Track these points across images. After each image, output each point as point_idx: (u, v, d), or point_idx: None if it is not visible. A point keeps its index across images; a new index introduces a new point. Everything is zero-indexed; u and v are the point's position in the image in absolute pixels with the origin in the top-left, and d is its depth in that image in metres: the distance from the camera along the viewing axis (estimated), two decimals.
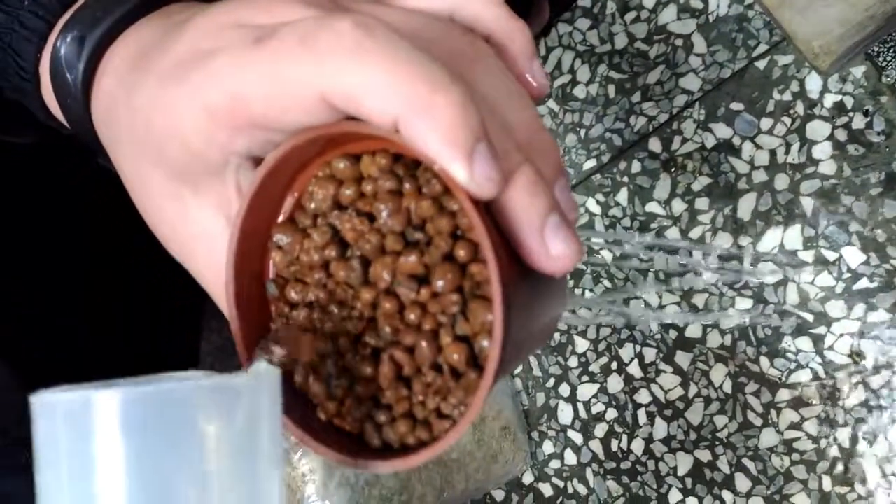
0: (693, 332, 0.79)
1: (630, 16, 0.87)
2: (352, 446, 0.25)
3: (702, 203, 0.80)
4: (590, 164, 0.86)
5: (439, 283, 0.23)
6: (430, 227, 0.24)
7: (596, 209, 0.85)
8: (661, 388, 0.80)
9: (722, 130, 0.80)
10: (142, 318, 0.52)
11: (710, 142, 0.80)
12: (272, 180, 0.25)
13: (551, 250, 0.23)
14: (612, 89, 0.86)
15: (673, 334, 0.80)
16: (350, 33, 0.21)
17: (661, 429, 0.80)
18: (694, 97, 0.82)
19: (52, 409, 0.18)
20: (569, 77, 0.89)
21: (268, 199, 0.25)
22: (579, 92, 0.88)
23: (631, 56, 0.86)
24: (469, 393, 0.24)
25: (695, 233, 0.80)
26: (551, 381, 0.86)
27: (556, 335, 0.86)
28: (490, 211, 0.23)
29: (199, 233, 0.27)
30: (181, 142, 0.25)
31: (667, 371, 0.80)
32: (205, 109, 0.23)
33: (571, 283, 0.85)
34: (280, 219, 0.26)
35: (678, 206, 0.81)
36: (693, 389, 0.79)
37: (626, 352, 0.82)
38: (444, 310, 0.23)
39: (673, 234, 0.80)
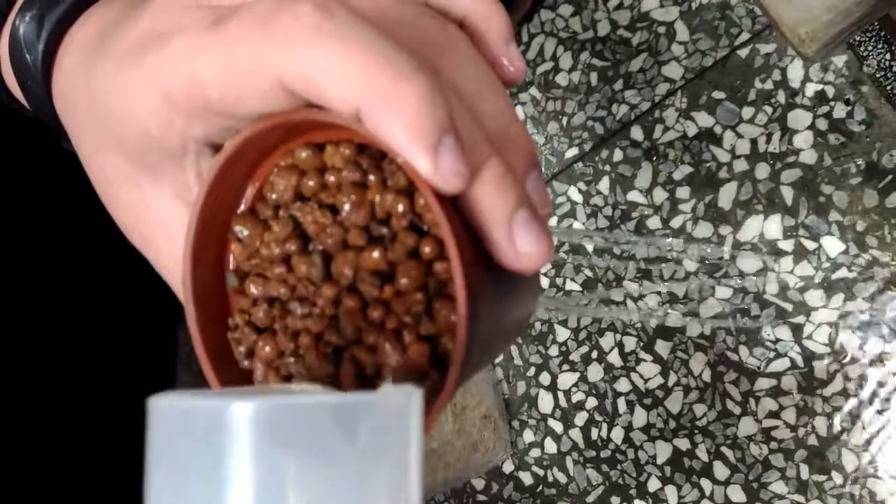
0: (673, 321, 0.79)
1: (613, 3, 0.86)
2: None
3: (683, 192, 0.79)
4: (572, 152, 0.86)
5: (403, 281, 0.23)
6: (394, 222, 0.23)
7: (577, 198, 0.85)
8: (640, 376, 0.80)
9: (704, 119, 0.80)
10: (113, 310, 0.51)
11: (692, 130, 0.80)
12: (232, 168, 0.24)
13: (519, 247, 0.22)
14: (594, 77, 0.86)
15: (653, 323, 0.80)
16: (310, 16, 0.21)
17: (640, 417, 0.80)
18: (676, 85, 0.81)
19: (182, 415, 0.17)
20: (551, 64, 0.88)
21: (228, 188, 0.24)
22: (561, 79, 0.87)
23: (614, 43, 0.85)
24: (433, 395, 0.23)
25: (676, 222, 0.79)
26: (532, 370, 0.86)
27: (537, 324, 0.86)
28: (457, 206, 0.23)
29: (157, 221, 0.26)
30: (138, 126, 0.24)
31: (647, 360, 0.80)
32: (161, 93, 0.23)
33: (553, 272, 0.85)
34: (241, 209, 0.25)
35: (659, 195, 0.80)
36: (673, 378, 0.79)
37: (607, 341, 0.82)
38: (407, 309, 0.23)
39: (654, 223, 0.80)
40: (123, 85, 0.24)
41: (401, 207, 0.23)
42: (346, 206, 0.23)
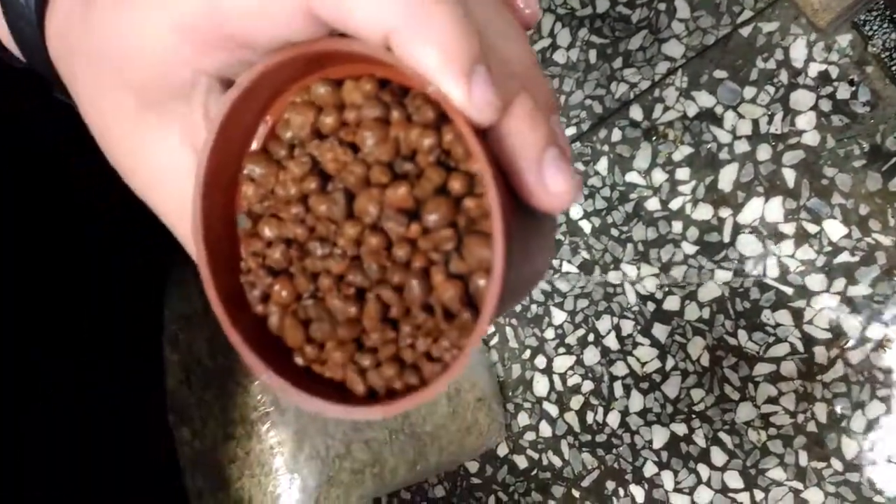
0: (671, 304, 0.78)
1: None
2: (333, 394, 0.23)
3: (682, 173, 0.78)
4: (570, 131, 0.84)
5: (431, 218, 0.22)
6: (420, 158, 0.22)
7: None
8: (637, 360, 0.79)
9: (704, 99, 0.78)
10: (100, 288, 0.50)
11: (693, 110, 0.78)
12: (244, 105, 0.23)
13: (550, 185, 0.22)
14: (592, 54, 0.84)
15: (651, 306, 0.79)
16: None
17: (637, 402, 0.79)
18: (676, 64, 0.80)
19: None
20: (549, 41, 0.86)
21: (239, 127, 0.23)
22: (559, 57, 0.86)
23: (613, 20, 0.84)
24: (463, 334, 0.22)
25: (675, 203, 0.78)
26: (527, 353, 0.85)
27: (533, 307, 0.84)
28: (487, 143, 0.22)
29: (162, 164, 0.25)
30: (144, 59, 0.23)
31: (644, 344, 0.79)
32: (174, 21, 0.22)
33: None
34: (253, 148, 0.24)
35: (658, 176, 0.79)
36: (670, 362, 0.78)
37: (604, 324, 0.81)
38: (436, 246, 0.22)
39: (653, 204, 0.79)
40: (133, 14, 0.22)
41: (427, 142, 0.22)
42: (369, 142, 0.22)
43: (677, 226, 0.78)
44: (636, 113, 0.81)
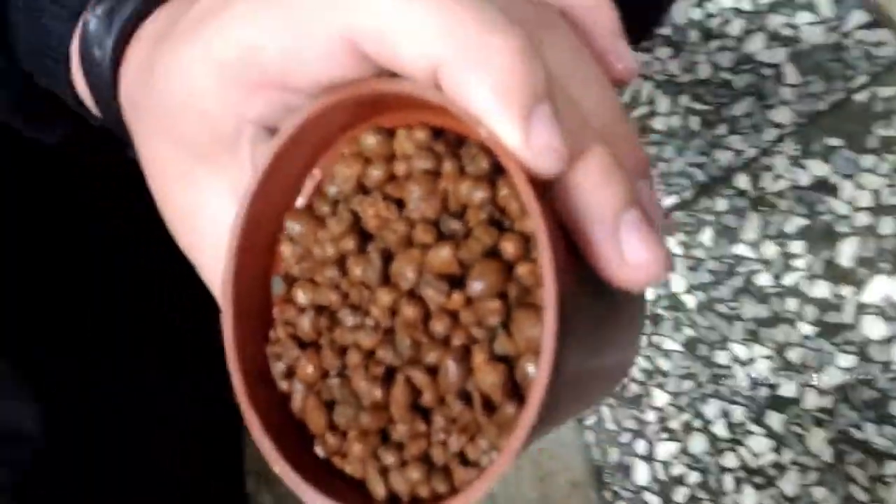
0: (787, 390, 0.72)
1: (714, 44, 0.81)
2: (350, 495, 0.20)
3: (796, 246, 0.73)
4: (670, 200, 0.80)
5: (477, 286, 0.18)
6: (470, 214, 0.19)
7: (677, 249, 0.79)
8: (750, 451, 0.73)
9: (817, 167, 0.73)
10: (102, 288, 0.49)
11: (805, 179, 0.73)
12: (289, 155, 0.21)
13: (627, 252, 0.18)
14: (694, 121, 0.80)
15: (764, 392, 0.73)
16: None
17: (750, 498, 0.73)
18: (786, 131, 0.75)
19: None
20: (647, 108, 0.83)
21: (283, 180, 0.21)
22: (659, 124, 0.82)
23: (715, 86, 0.80)
24: (504, 433, 0.18)
25: (789, 279, 0.73)
26: (626, 436, 0.80)
27: (633, 386, 0.79)
28: (548, 199, 0.19)
29: (208, 219, 0.23)
30: (193, 108, 0.22)
31: (757, 433, 0.73)
32: (213, 64, 0.20)
33: (649, 328, 0.79)
34: (297, 205, 0.22)
35: (769, 248, 0.74)
36: (787, 455, 0.71)
37: (711, 409, 0.75)
38: (480, 320, 0.18)
39: (764, 279, 0.74)
40: (179, 64, 0.21)
41: (479, 196, 0.19)
42: (414, 197, 0.19)
43: (792, 303, 0.72)
44: (743, 181, 0.77)
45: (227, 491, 0.59)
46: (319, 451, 0.21)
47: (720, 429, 0.75)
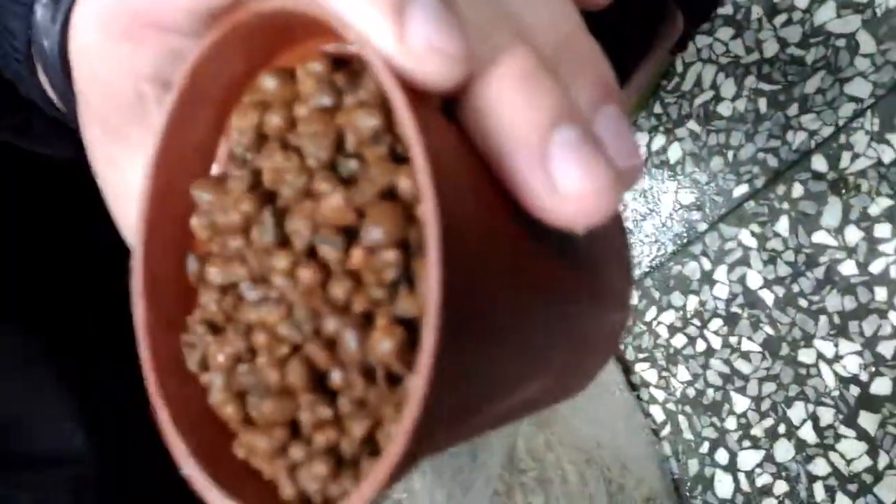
0: (880, 387, 0.65)
1: (780, 19, 0.75)
2: (266, 499, 0.17)
3: (882, 230, 0.66)
4: (741, 189, 0.74)
5: (372, 234, 0.15)
6: (365, 150, 0.16)
7: (751, 242, 0.73)
8: (842, 457, 0.67)
9: None
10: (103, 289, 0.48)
11: (888, 156, 0.67)
12: (188, 114, 0.18)
13: (559, 181, 0.14)
14: (762, 103, 0.75)
15: (854, 391, 0.66)
16: None
17: None
18: (864, 105, 0.69)
19: None
20: (711, 94, 0.78)
21: (189, 144, 0.18)
22: (724, 109, 0.77)
23: (783, 64, 0.74)
24: (402, 410, 0.15)
25: (876, 266, 0.66)
26: (705, 446, 0.74)
27: (710, 391, 0.74)
28: (457, 124, 0.15)
29: (128, 196, 0.21)
30: (95, 80, 0.20)
31: (849, 436, 0.66)
32: (95, 21, 0.19)
33: (725, 329, 0.73)
34: (214, 173, 0.19)
35: (853, 234, 0.67)
36: (884, 459, 0.64)
37: (797, 412, 0.69)
38: (379, 276, 0.15)
39: (848, 268, 0.67)
40: (73, 27, 0.20)
41: (369, 125, 0.15)
42: (307, 140, 0.16)
43: (881, 293, 0.65)
44: (819, 163, 0.70)
45: None
46: (238, 450, 0.18)
47: (808, 433, 0.68)
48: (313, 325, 0.16)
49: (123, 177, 0.21)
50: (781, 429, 0.70)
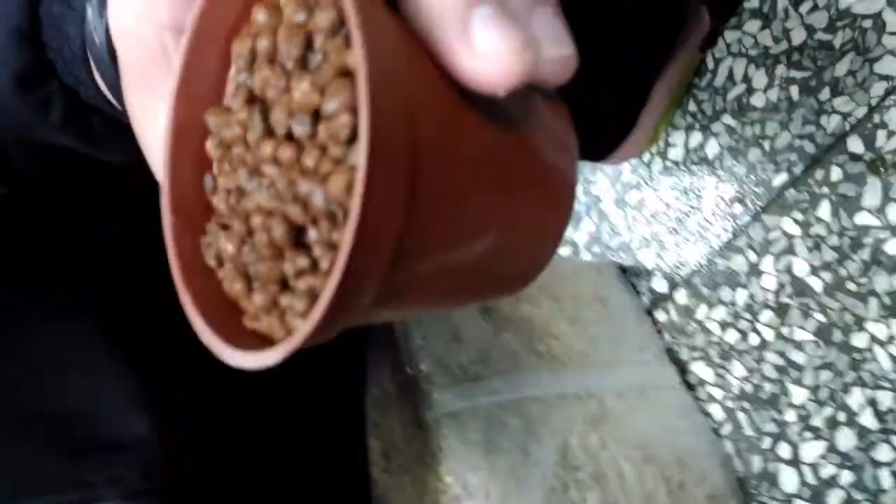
0: None
1: (805, 6, 0.75)
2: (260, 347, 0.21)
3: None
4: (780, 178, 0.74)
5: (329, 105, 0.18)
6: (325, 42, 0.19)
7: (794, 230, 0.72)
8: None
9: None
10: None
11: None
12: (202, 51, 0.21)
13: (477, 42, 0.17)
14: (794, 91, 0.74)
15: None
16: None
17: None
18: (895, 82, 0.67)
19: None
20: (743, 87, 0.78)
21: (204, 78, 0.22)
22: (757, 101, 0.76)
23: (812, 50, 0.73)
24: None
25: None
26: (767, 441, 0.72)
27: (766, 385, 0.72)
28: (399, 14, 0.18)
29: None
30: (128, 35, 0.22)
31: None
32: None
33: (776, 320, 0.72)
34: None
35: (895, 212, 0.66)
36: None
37: (855, 399, 0.67)
38: (334, 138, 0.18)
39: (893, 247, 0.66)
40: (111, 3, 0.22)
41: (328, 18, 0.19)
42: (282, 44, 0.19)
43: None
44: (856, 145, 0.69)
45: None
46: (248, 323, 0.21)
47: (868, 419, 0.66)
48: (292, 192, 0.19)
49: (155, 124, 0.23)
50: (841, 417, 0.68)
